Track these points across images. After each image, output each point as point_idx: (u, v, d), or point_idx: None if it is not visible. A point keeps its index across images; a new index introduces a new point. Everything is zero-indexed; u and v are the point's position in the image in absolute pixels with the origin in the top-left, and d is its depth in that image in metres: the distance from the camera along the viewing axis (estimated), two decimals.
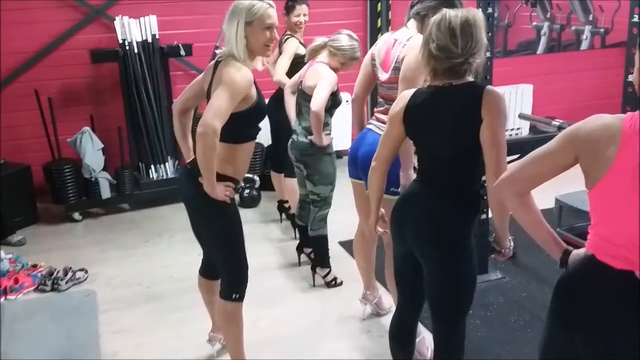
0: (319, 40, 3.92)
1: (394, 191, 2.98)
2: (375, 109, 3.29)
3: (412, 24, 3.04)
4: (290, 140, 4.00)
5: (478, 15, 2.31)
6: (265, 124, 3.66)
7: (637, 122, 1.66)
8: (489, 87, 2.31)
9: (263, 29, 2.66)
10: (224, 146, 2.66)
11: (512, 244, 2.48)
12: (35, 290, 4.12)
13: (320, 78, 3.73)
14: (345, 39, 3.79)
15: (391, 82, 3.07)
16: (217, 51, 2.78)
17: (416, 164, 2.58)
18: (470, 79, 2.35)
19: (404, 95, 2.48)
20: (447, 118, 2.35)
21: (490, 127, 2.25)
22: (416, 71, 2.81)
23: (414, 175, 2.76)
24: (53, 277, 4.12)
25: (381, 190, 2.63)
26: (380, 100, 3.21)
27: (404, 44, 2.98)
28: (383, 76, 3.13)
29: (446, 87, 2.34)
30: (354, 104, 3.44)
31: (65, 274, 4.16)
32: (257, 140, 2.99)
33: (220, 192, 2.67)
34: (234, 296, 2.87)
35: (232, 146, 2.73)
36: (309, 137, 3.82)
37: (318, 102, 3.68)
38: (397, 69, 3.00)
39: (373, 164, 2.59)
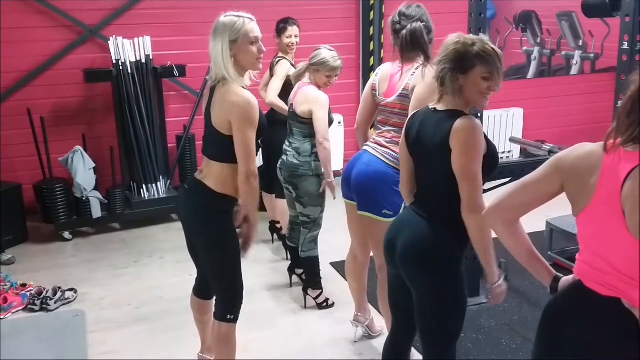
0: (300, 65, 3.99)
1: (387, 213, 2.99)
2: (373, 132, 3.29)
3: (416, 53, 3.05)
4: (280, 160, 4.01)
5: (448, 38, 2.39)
6: None
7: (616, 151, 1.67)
8: (462, 118, 2.29)
9: (249, 44, 2.67)
10: (227, 167, 2.68)
11: (500, 280, 2.42)
12: (24, 310, 4.08)
13: (314, 103, 3.76)
14: (324, 52, 3.84)
15: (393, 107, 3.08)
16: (208, 77, 2.78)
17: None
18: (455, 105, 2.34)
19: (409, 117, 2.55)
20: (430, 143, 2.37)
21: (458, 159, 2.26)
22: (425, 102, 2.85)
23: None
24: (42, 296, 4.09)
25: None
26: (379, 124, 3.22)
27: (413, 72, 3.01)
28: (384, 100, 3.14)
29: (431, 111, 2.41)
30: (358, 134, 3.44)
31: (55, 293, 4.13)
32: None
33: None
34: (228, 317, 2.85)
35: (235, 166, 2.69)
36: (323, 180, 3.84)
37: (324, 132, 3.71)
38: (404, 95, 3.02)
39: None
